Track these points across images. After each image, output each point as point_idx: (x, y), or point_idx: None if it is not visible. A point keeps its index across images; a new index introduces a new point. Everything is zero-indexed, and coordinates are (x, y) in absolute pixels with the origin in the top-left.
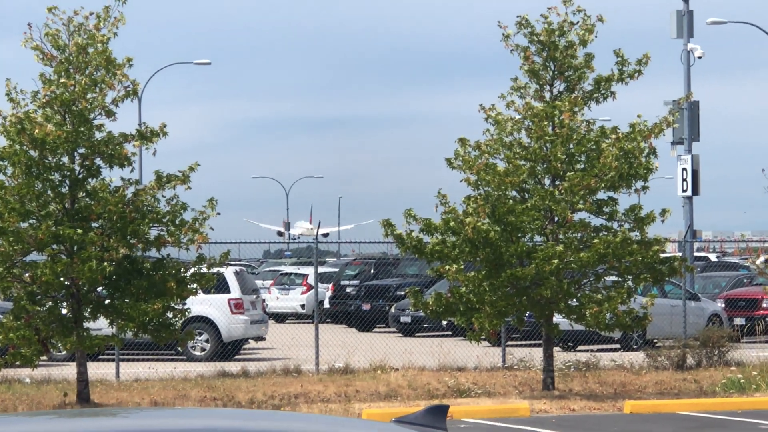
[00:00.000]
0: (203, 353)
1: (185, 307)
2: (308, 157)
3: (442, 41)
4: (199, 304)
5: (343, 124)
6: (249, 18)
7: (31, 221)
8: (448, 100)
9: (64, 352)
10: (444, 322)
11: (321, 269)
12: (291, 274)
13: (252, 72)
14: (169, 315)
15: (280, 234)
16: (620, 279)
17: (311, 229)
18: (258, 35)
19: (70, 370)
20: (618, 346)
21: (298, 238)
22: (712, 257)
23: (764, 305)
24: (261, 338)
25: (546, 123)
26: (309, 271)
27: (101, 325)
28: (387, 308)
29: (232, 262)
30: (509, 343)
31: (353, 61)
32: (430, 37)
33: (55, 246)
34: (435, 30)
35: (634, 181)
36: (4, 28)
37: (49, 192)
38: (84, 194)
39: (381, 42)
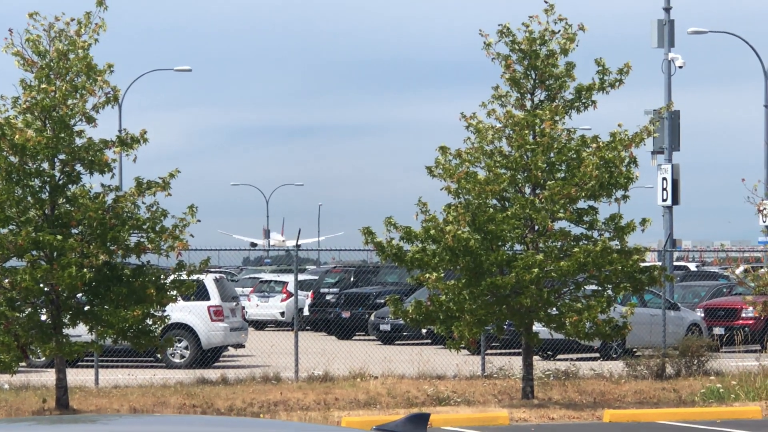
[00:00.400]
0: (182, 360)
1: (165, 314)
2: (289, 164)
3: (423, 49)
4: (179, 311)
5: (324, 131)
6: (229, 25)
7: (10, 227)
8: (429, 107)
9: (43, 359)
10: (423, 330)
11: (300, 277)
12: (270, 281)
13: (233, 79)
14: (149, 322)
15: (253, 245)
16: (600, 288)
17: (283, 241)
18: (239, 42)
19: (49, 377)
20: (597, 355)
21: (271, 248)
22: (692, 267)
23: (743, 315)
24: (240, 345)
25: (527, 132)
26: (289, 278)
27: (81, 332)
28: (366, 316)
29: (211, 270)
30: (489, 351)
31: (335, 68)
32: (411, 45)
33: (34, 252)
34: (416, 38)
35: (614, 191)
36: None
37: (29, 198)
38: (64, 200)
39: (362, 50)
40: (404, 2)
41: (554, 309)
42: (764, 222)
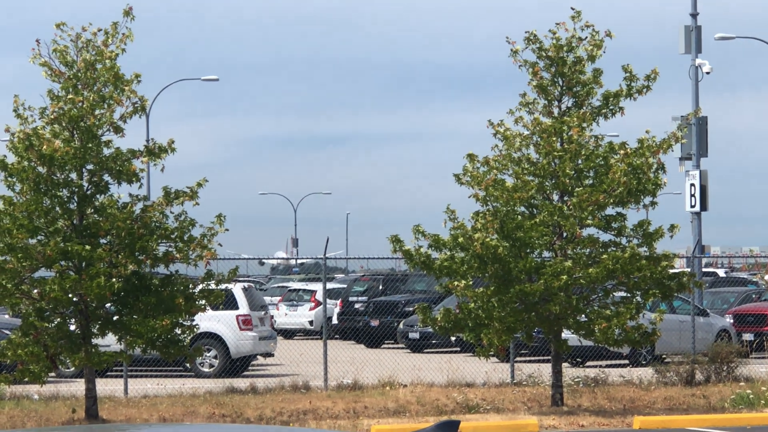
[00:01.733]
0: (212, 369)
1: (193, 323)
2: (316, 173)
3: (451, 57)
4: (208, 320)
5: (352, 140)
6: (257, 34)
7: (39, 237)
8: (456, 115)
9: (73, 369)
10: (452, 338)
11: (329, 285)
12: (299, 290)
13: (260, 88)
14: (178, 331)
15: (261, 263)
16: (629, 294)
17: (288, 259)
18: (266, 51)
19: (78, 387)
20: (627, 361)
21: (276, 267)
22: (721, 273)
23: None
24: (269, 354)
25: (554, 139)
26: (317, 287)
27: (110, 342)
28: (395, 324)
29: (240, 279)
30: (518, 358)
31: (362, 77)
32: (440, 53)
33: (63, 262)
34: (444, 46)
35: (642, 197)
36: (12, 45)
37: (58, 208)
38: (92, 210)
39: (390, 58)
40: (432, 11)
41: (583, 316)
42: None
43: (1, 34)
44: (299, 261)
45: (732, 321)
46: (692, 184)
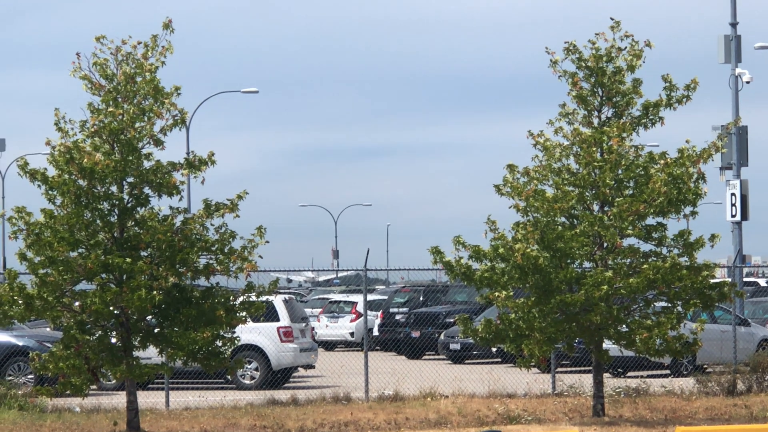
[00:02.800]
0: (253, 381)
1: (234, 335)
2: (356, 185)
3: (490, 68)
4: (249, 332)
5: (391, 151)
6: (297, 46)
7: (80, 250)
8: (497, 126)
9: (114, 381)
10: (494, 349)
11: (370, 297)
12: (340, 302)
13: (300, 100)
14: (219, 343)
15: (288, 281)
16: (670, 304)
17: (313, 278)
18: (306, 63)
19: (119, 399)
20: (668, 371)
21: (301, 285)
22: (762, 282)
23: None
24: (310, 366)
25: (594, 149)
26: (358, 298)
27: (151, 354)
28: (436, 335)
29: (281, 291)
30: (559, 369)
31: (402, 88)
32: (479, 64)
33: (104, 275)
34: (483, 57)
35: (683, 207)
36: (53, 59)
37: (98, 221)
38: (133, 223)
39: (429, 70)
40: (471, 22)
41: (624, 326)
42: None
43: (42, 48)
44: (340, 273)
45: None
46: (733, 194)
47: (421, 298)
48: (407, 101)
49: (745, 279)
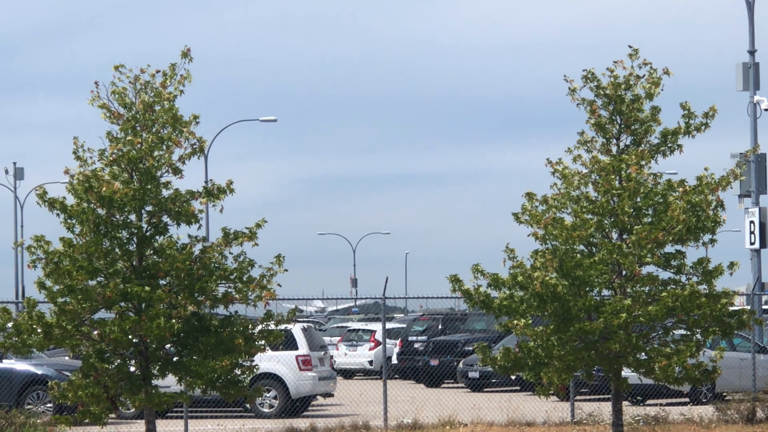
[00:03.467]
0: (272, 410)
1: (253, 363)
2: (375, 213)
3: (509, 96)
4: (267, 360)
5: (409, 179)
6: (315, 75)
7: (99, 279)
8: (515, 154)
9: (133, 410)
10: (512, 377)
11: (388, 325)
12: (359, 330)
13: (318, 128)
14: (238, 372)
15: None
16: (689, 332)
17: (323, 308)
18: (324, 92)
19: (138, 428)
20: (687, 399)
21: (311, 315)
22: None
23: None
24: (329, 394)
25: (613, 177)
26: (377, 327)
27: (170, 383)
28: (455, 364)
29: (299, 319)
30: (578, 397)
31: (420, 116)
32: (497, 92)
33: (123, 303)
34: (502, 84)
35: (701, 234)
36: (72, 88)
37: (117, 250)
38: (151, 252)
39: (446, 98)
40: (488, 49)
41: (643, 354)
42: None
43: (60, 77)
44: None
45: None
46: (752, 222)
47: (440, 327)
48: (426, 128)
49: (764, 306)
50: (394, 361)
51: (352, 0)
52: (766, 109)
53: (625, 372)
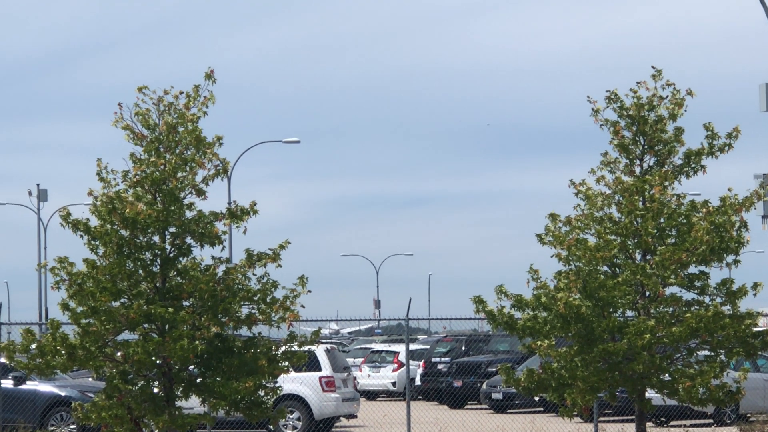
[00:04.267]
0: (295, 431)
1: (277, 385)
2: (398, 234)
3: (531, 117)
4: (291, 382)
5: (432, 201)
6: (338, 96)
7: (122, 300)
8: (538, 175)
9: (156, 431)
10: (536, 398)
11: (412, 346)
12: (382, 351)
13: (342, 150)
14: (261, 393)
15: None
16: (713, 353)
17: (337, 330)
18: (347, 113)
19: None
20: (711, 420)
21: (330, 337)
22: None
23: None
24: (353, 416)
25: (636, 197)
26: (400, 348)
27: (193, 404)
28: (478, 385)
29: (323, 340)
30: (602, 418)
31: (443, 138)
32: (519, 113)
33: (146, 325)
34: (523, 106)
35: (725, 255)
36: (95, 110)
37: (141, 271)
38: (175, 273)
39: (469, 120)
40: (509, 71)
41: (667, 375)
42: None
43: (83, 99)
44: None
45: None
46: None
47: (463, 348)
48: (449, 150)
49: None
50: (418, 382)
51: (375, 23)
52: None
53: (649, 393)
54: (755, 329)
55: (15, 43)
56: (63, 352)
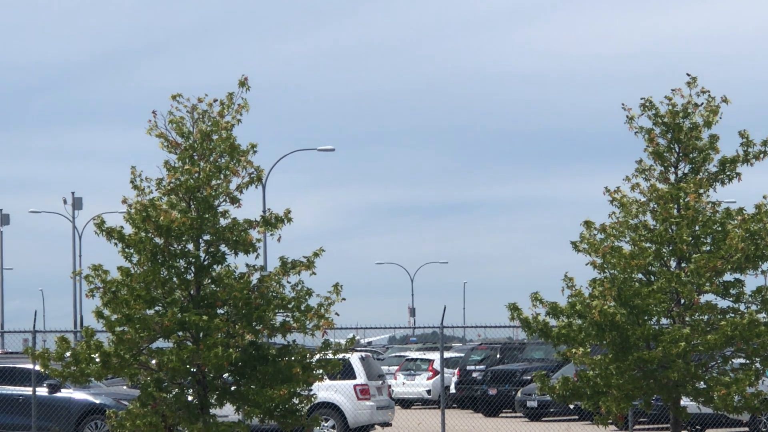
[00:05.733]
0: None
1: (311, 393)
2: (433, 242)
3: (566, 124)
4: (325, 390)
5: (467, 209)
6: (372, 104)
7: (157, 308)
8: (572, 183)
9: None
10: (571, 406)
11: (446, 354)
12: (416, 359)
13: (376, 158)
14: (295, 401)
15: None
16: (748, 361)
17: (368, 342)
18: (381, 121)
19: None
20: (746, 429)
21: (368, 345)
22: None
23: None
24: (387, 424)
25: (671, 205)
26: (435, 356)
27: (227, 412)
28: (513, 393)
29: (357, 348)
30: (637, 426)
31: (477, 146)
32: (554, 120)
33: (180, 333)
34: (559, 113)
35: (760, 263)
36: (129, 118)
37: (175, 279)
38: (209, 281)
39: (503, 127)
40: (544, 79)
41: (702, 383)
42: None
43: (117, 107)
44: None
45: None
46: None
47: (498, 356)
48: (482, 158)
49: None
50: (452, 390)
51: (409, 30)
52: None
53: (684, 401)
54: None
55: (50, 53)
56: (97, 359)
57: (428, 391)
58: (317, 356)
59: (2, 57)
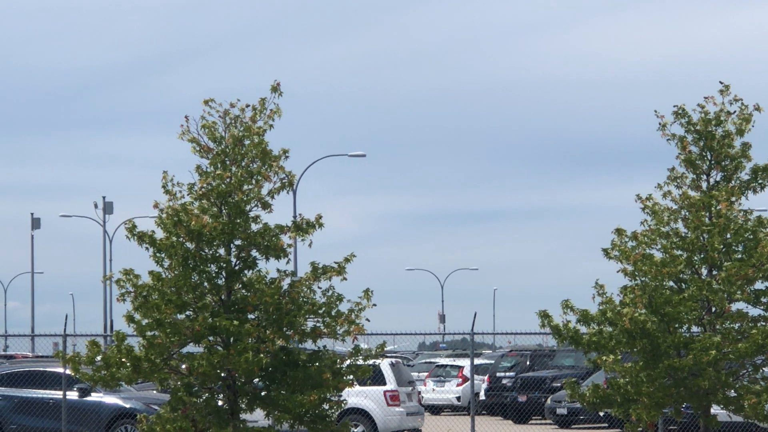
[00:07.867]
0: None
1: (341, 398)
2: (463, 248)
3: (597, 131)
4: (355, 396)
5: (498, 216)
6: (404, 110)
7: (187, 313)
8: (604, 190)
9: None
10: (600, 414)
11: (476, 361)
12: (446, 366)
13: (407, 164)
14: (326, 407)
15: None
16: None
17: (396, 353)
18: (413, 127)
19: None
20: None
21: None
22: None
23: None
24: (417, 430)
25: (703, 213)
26: (464, 363)
27: (257, 417)
28: (543, 400)
29: (387, 354)
30: None
31: (508, 153)
32: (586, 127)
33: (211, 337)
34: (590, 120)
35: None
36: (160, 122)
37: (206, 283)
38: (240, 286)
39: (534, 134)
40: (576, 86)
41: (732, 391)
42: None
43: (149, 112)
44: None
45: None
46: None
47: (528, 363)
48: (514, 164)
49: None
50: (482, 397)
51: (443, 36)
52: None
53: (715, 409)
54: None
55: (83, 57)
56: (128, 364)
57: (458, 398)
58: (348, 362)
59: (38, 63)
